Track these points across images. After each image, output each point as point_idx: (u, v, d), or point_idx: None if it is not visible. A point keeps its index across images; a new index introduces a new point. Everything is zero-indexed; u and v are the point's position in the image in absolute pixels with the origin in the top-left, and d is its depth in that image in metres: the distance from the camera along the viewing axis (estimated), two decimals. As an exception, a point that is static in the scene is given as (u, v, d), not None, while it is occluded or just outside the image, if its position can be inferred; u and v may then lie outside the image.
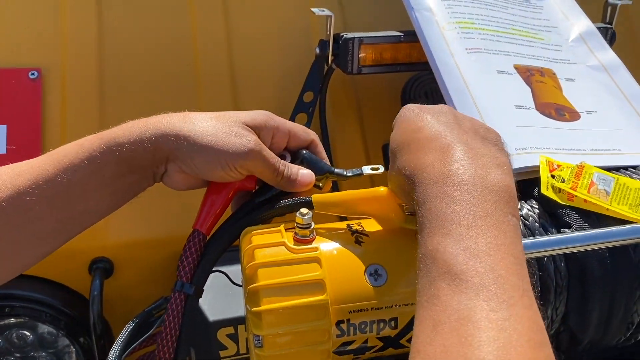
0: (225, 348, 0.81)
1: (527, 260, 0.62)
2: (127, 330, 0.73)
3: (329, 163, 0.69)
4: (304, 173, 0.66)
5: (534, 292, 0.43)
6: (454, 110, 0.53)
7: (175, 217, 0.90)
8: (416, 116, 0.54)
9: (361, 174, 0.67)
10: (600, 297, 0.63)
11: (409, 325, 0.62)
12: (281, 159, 0.65)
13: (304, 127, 0.67)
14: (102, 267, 0.86)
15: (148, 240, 0.90)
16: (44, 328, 0.87)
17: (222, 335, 0.81)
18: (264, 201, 0.68)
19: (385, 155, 0.98)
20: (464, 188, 0.43)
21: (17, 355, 0.86)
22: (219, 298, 0.82)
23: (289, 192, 0.67)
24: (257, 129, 0.63)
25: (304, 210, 0.62)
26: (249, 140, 0.61)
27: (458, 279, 0.38)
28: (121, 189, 0.63)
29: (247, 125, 0.62)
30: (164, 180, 0.65)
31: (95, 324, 0.83)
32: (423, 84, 1.01)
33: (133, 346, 0.72)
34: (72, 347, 0.88)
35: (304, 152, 0.67)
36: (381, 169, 0.67)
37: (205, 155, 0.59)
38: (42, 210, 0.57)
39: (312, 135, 0.67)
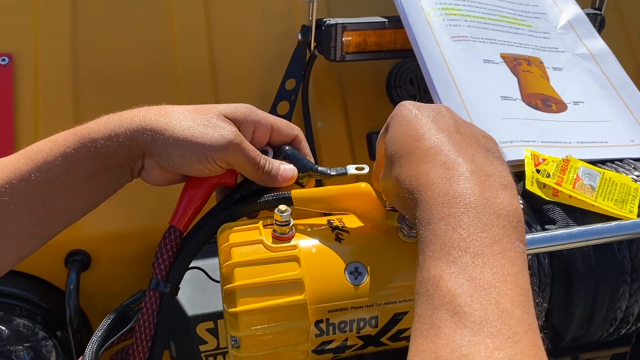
0: (205, 342, 0.80)
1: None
2: (104, 325, 0.71)
3: (313, 160, 0.67)
4: (286, 168, 0.63)
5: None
6: (452, 113, 0.51)
7: (153, 208, 0.88)
8: (415, 119, 0.51)
9: (345, 174, 0.65)
10: (584, 295, 0.62)
11: (390, 324, 0.60)
12: (263, 154, 0.63)
13: (288, 122, 0.64)
14: (78, 260, 0.84)
15: (125, 233, 0.88)
16: (20, 322, 0.85)
17: (201, 329, 0.79)
18: (243, 197, 0.66)
19: (370, 145, 0.96)
20: (471, 212, 0.41)
21: (-7, 350, 0.85)
22: (197, 292, 0.80)
23: (270, 188, 0.65)
24: (237, 122, 0.60)
25: (282, 207, 0.60)
26: (228, 131, 0.58)
27: (462, 312, 0.36)
28: (98, 186, 0.61)
29: (226, 118, 0.59)
30: (142, 175, 0.62)
31: (72, 318, 0.81)
32: (408, 70, 0.99)
33: (111, 340, 0.71)
34: (49, 340, 0.86)
35: (287, 147, 0.65)
36: (366, 169, 0.65)
37: (181, 149, 0.57)
38: (16, 211, 0.55)
39: (296, 130, 0.65)
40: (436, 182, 0.43)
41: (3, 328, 0.85)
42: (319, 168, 0.66)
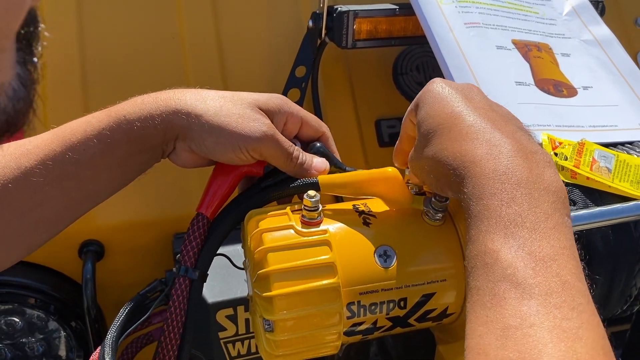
0: (224, 329, 0.80)
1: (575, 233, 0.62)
2: (123, 313, 0.71)
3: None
4: (319, 161, 0.64)
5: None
6: (481, 92, 0.52)
7: (166, 198, 0.88)
8: (450, 96, 0.51)
9: None
10: (603, 273, 0.65)
11: (417, 305, 0.62)
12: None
13: (317, 118, 0.65)
14: (93, 250, 0.84)
15: (139, 222, 0.87)
16: (34, 313, 0.84)
17: (221, 316, 0.80)
18: (268, 186, 0.66)
19: (378, 132, 0.97)
20: (523, 187, 0.42)
21: (7, 342, 0.84)
22: (216, 279, 0.80)
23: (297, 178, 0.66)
24: (270, 113, 0.60)
25: (311, 192, 0.61)
26: (262, 123, 0.59)
27: (525, 284, 0.37)
28: (131, 167, 0.61)
29: (260, 109, 0.59)
30: (171, 157, 0.63)
31: (89, 308, 0.81)
32: (415, 57, 1.00)
33: (129, 330, 0.71)
34: (62, 331, 0.86)
35: (318, 144, 0.66)
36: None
37: (216, 136, 0.58)
38: (50, 192, 0.55)
39: (324, 127, 0.65)
40: (485, 159, 0.45)
41: (17, 320, 0.84)
42: (347, 168, 0.67)
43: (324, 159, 0.64)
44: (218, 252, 0.69)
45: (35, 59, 0.32)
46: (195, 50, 0.94)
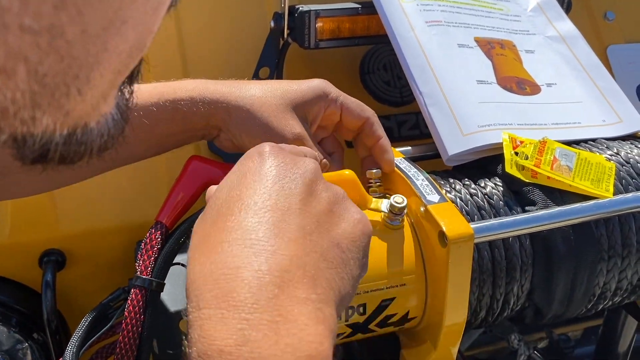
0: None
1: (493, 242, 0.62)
2: (84, 324, 0.69)
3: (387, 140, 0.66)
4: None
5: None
6: (307, 178, 0.41)
7: (128, 204, 0.86)
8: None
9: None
10: (565, 273, 0.64)
11: (377, 310, 0.61)
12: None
13: (360, 103, 0.66)
14: (53, 260, 0.82)
15: (101, 230, 0.86)
16: (-6, 326, 0.82)
17: (184, 325, 0.78)
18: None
19: (346, 132, 0.96)
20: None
21: (-33, 356, 0.82)
22: (178, 287, 0.79)
23: None
24: (307, 106, 0.63)
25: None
26: (295, 128, 0.62)
27: None
28: (169, 143, 0.66)
29: (297, 105, 0.62)
30: (215, 142, 0.67)
31: (49, 320, 0.79)
32: (381, 56, 0.99)
33: (91, 340, 0.69)
34: (25, 343, 0.84)
35: None
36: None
37: (252, 136, 0.62)
38: None
39: (367, 112, 0.66)
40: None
41: (-24, 333, 0.82)
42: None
43: None
44: (177, 261, 0.67)
45: (133, 88, 0.34)
46: (156, 50, 0.92)
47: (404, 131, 0.99)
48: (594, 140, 0.74)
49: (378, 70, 0.99)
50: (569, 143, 0.72)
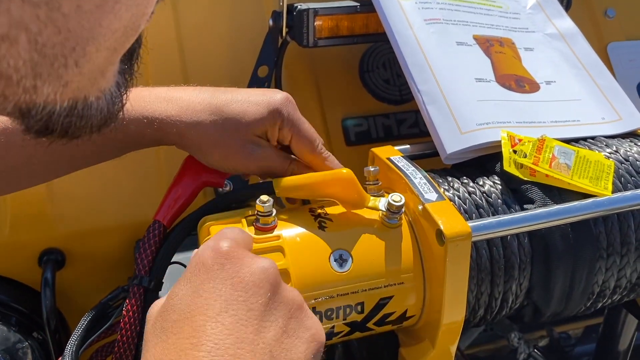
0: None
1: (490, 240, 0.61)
2: (83, 323, 0.69)
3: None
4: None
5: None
6: (260, 298, 0.41)
7: (127, 203, 0.86)
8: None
9: None
10: (563, 271, 0.64)
11: (375, 309, 0.61)
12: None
13: (311, 133, 0.64)
14: (53, 259, 0.82)
15: (100, 229, 0.86)
16: (-6, 325, 0.83)
17: (184, 323, 0.78)
18: (227, 193, 0.66)
19: (345, 131, 0.96)
20: None
21: (-33, 356, 0.82)
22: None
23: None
24: (266, 126, 0.62)
25: (264, 197, 0.60)
26: (254, 165, 0.63)
27: None
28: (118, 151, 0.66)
29: (254, 129, 0.61)
30: None
31: (48, 319, 0.79)
32: (381, 54, 0.99)
33: (91, 339, 0.69)
34: (25, 342, 0.84)
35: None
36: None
37: (211, 163, 0.64)
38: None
39: (316, 141, 0.65)
40: None
41: (-24, 332, 0.82)
42: None
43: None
44: (175, 260, 0.68)
45: (134, 69, 0.37)
46: (155, 49, 0.92)
47: (403, 129, 0.99)
48: (593, 138, 0.73)
49: (377, 68, 0.99)
50: (568, 141, 0.72)
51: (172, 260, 0.65)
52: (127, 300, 0.62)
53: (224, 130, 0.61)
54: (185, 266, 0.71)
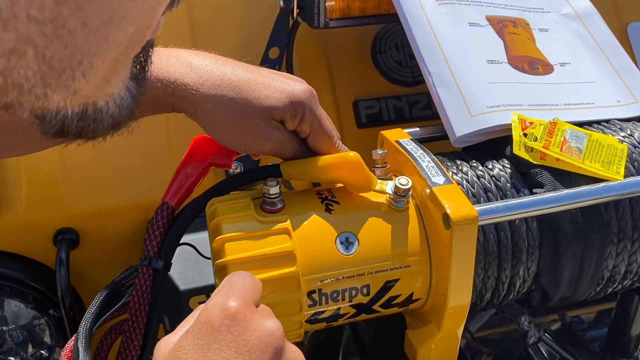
0: (199, 315, 0.80)
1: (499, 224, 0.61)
2: (97, 302, 0.71)
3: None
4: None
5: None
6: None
7: (141, 184, 0.87)
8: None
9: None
10: (572, 256, 0.63)
11: (381, 291, 0.61)
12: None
13: (330, 131, 0.62)
14: (67, 239, 0.84)
15: (114, 209, 0.87)
16: (12, 302, 0.85)
17: (194, 303, 0.79)
18: (236, 175, 0.66)
19: (356, 113, 0.96)
20: None
21: (-14, 330, 0.85)
22: (188, 267, 0.80)
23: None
24: (284, 114, 0.59)
25: (271, 181, 0.60)
26: (267, 147, 0.60)
27: None
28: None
29: (273, 113, 0.59)
30: None
31: (63, 297, 0.81)
32: (393, 35, 0.98)
33: (104, 317, 0.70)
34: (42, 319, 0.86)
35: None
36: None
37: (222, 140, 0.61)
38: None
39: (334, 139, 0.63)
40: None
41: (-5, 309, 0.85)
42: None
43: None
44: (184, 241, 0.68)
45: (147, 75, 0.39)
46: (166, 30, 0.92)
47: (415, 112, 0.98)
48: (607, 121, 0.72)
49: (390, 49, 0.98)
50: (581, 124, 0.70)
51: (180, 242, 0.66)
52: (136, 281, 0.63)
53: (242, 110, 0.58)
54: (195, 248, 0.72)
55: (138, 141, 0.90)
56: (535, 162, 0.64)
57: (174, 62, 0.59)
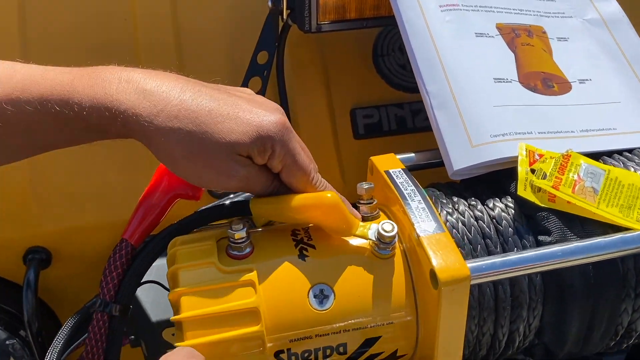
0: (173, 347, 0.74)
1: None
2: (66, 329, 0.65)
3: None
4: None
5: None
6: None
7: (113, 201, 0.81)
8: None
9: None
10: (581, 312, 0.56)
11: (361, 348, 0.54)
12: None
13: (305, 166, 0.54)
14: (37, 258, 0.78)
15: (89, 226, 0.81)
16: (-20, 323, 0.80)
17: (167, 334, 0.74)
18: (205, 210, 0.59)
19: (353, 122, 0.87)
20: None
21: (-47, 353, 0.80)
22: (162, 294, 0.74)
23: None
24: (250, 150, 0.52)
25: (236, 224, 0.53)
26: (233, 183, 0.53)
27: None
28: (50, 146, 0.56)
29: (239, 150, 0.51)
30: None
31: (30, 321, 0.76)
32: (397, 37, 0.88)
33: (76, 343, 0.65)
34: (14, 339, 0.82)
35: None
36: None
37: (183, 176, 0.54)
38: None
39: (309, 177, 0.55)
40: None
41: (-37, 329, 0.80)
42: None
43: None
44: (149, 279, 0.62)
45: None
46: (149, 33, 0.85)
47: (418, 121, 0.90)
48: (630, 151, 0.63)
49: (393, 52, 0.89)
50: (600, 154, 0.62)
51: (143, 280, 0.60)
52: (90, 328, 0.57)
53: (202, 145, 0.51)
54: (162, 285, 0.66)
55: (115, 154, 0.84)
56: (542, 205, 0.56)
57: (125, 88, 0.51)
